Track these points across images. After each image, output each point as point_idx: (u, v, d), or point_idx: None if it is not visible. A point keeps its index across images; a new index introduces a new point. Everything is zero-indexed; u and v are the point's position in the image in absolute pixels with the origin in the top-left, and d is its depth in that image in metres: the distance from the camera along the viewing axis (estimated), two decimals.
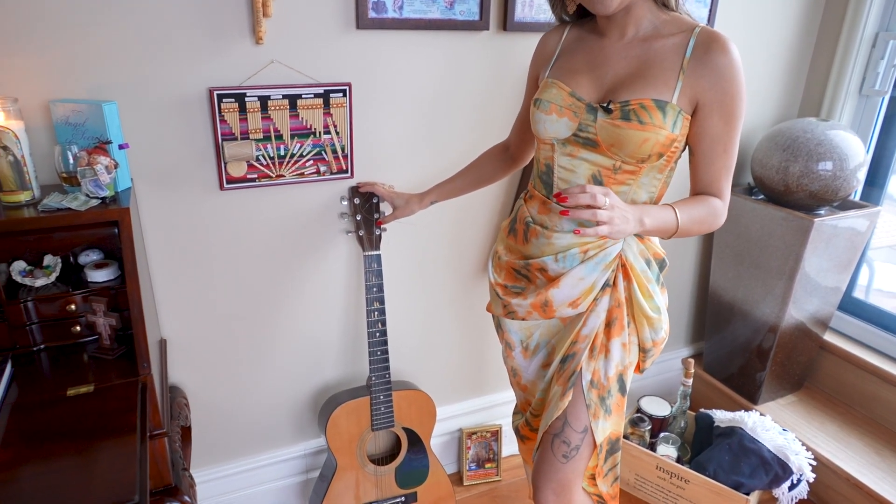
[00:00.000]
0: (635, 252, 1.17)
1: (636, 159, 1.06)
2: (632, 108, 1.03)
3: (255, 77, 1.38)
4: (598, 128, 1.07)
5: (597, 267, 1.15)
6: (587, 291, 1.17)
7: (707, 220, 1.10)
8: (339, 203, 1.56)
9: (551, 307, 1.20)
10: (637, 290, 1.16)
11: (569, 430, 1.20)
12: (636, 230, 1.01)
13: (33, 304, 1.18)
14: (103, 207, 1.12)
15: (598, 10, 1.04)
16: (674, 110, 1.04)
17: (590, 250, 1.15)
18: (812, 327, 2.06)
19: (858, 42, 1.94)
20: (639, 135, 1.03)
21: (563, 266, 1.17)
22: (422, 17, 1.48)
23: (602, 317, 1.18)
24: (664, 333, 1.22)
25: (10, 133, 1.10)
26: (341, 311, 1.69)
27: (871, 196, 2.12)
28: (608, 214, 0.93)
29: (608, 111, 1.05)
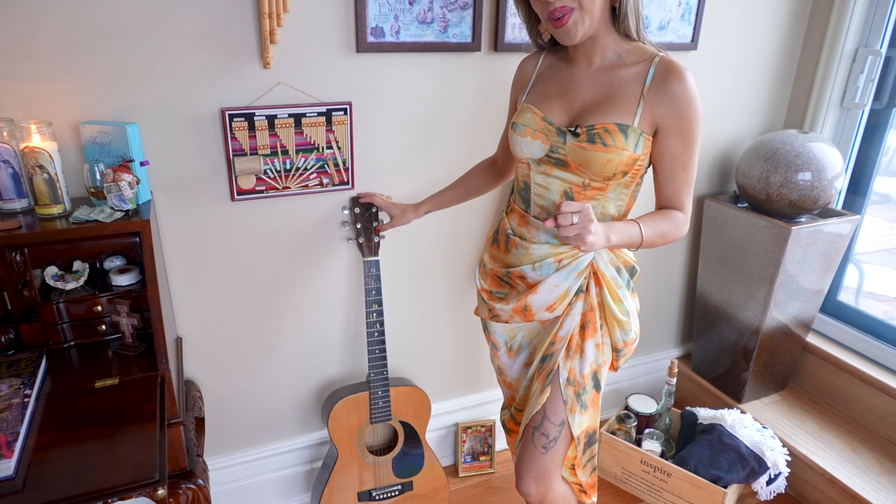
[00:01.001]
0: (605, 260, 1.28)
1: (602, 177, 1.18)
2: (596, 131, 1.14)
3: (264, 98, 1.50)
4: (568, 149, 1.18)
5: (570, 274, 1.27)
6: (562, 297, 1.28)
7: (670, 232, 1.21)
8: (341, 212, 1.69)
9: (530, 311, 1.32)
10: (608, 295, 1.28)
11: (547, 423, 1.31)
12: (604, 246, 1.13)
13: (64, 305, 1.31)
14: (126, 219, 1.25)
15: (564, 41, 1.15)
16: (635, 133, 1.14)
17: (563, 259, 1.27)
18: (795, 329, 2.16)
19: (839, 57, 2.03)
20: (603, 156, 1.14)
21: (540, 274, 1.28)
22: (417, 41, 1.59)
23: (577, 320, 1.30)
24: (634, 335, 1.33)
25: (46, 153, 1.23)
26: (343, 312, 1.81)
27: (853, 204, 2.20)
28: (575, 231, 1.06)
29: (576, 135, 1.16)
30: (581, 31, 1.13)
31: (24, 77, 1.29)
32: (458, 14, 1.61)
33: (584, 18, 1.11)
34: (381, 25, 1.54)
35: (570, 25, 1.11)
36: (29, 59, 1.28)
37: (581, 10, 1.10)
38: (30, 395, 1.14)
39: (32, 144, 1.23)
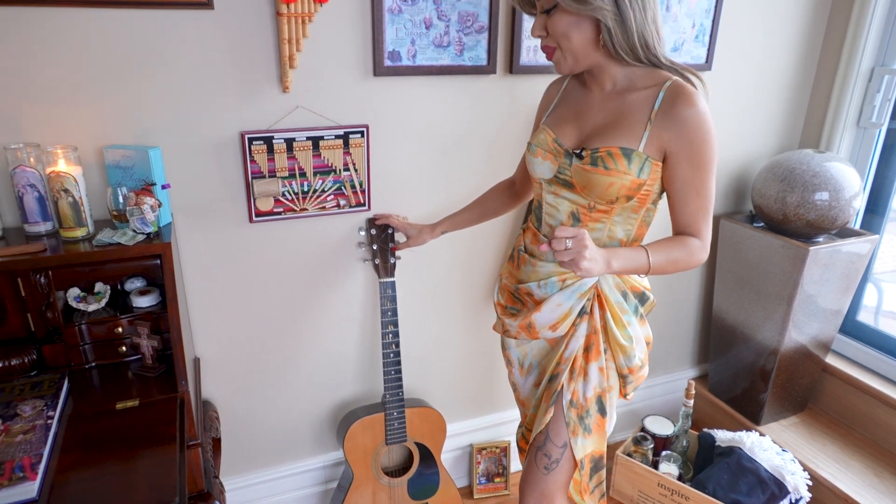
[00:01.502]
0: (611, 284, 1.28)
1: (606, 200, 1.18)
2: (599, 154, 1.15)
3: (282, 121, 1.52)
4: (573, 171, 1.19)
5: (573, 295, 1.27)
6: (564, 316, 1.28)
7: (684, 259, 1.19)
8: (357, 234, 1.70)
9: (534, 329, 1.32)
10: (611, 319, 1.27)
11: (550, 444, 1.31)
12: (605, 271, 1.12)
13: (86, 326, 1.33)
14: (148, 242, 1.27)
15: (558, 71, 1.21)
16: (640, 157, 1.14)
17: (567, 279, 1.27)
18: (813, 350, 2.13)
19: (855, 76, 2.03)
20: (604, 179, 1.14)
21: (544, 292, 1.29)
22: (433, 64, 1.61)
23: (581, 341, 1.30)
24: (639, 361, 1.31)
25: (71, 178, 1.26)
26: (358, 333, 1.82)
27: (872, 224, 2.18)
28: (569, 256, 1.06)
29: (580, 157, 1.17)
30: (567, 66, 1.18)
31: (50, 101, 1.32)
32: (473, 38, 1.63)
33: (564, 57, 1.17)
34: (398, 49, 1.56)
35: (554, 61, 1.19)
36: (56, 84, 1.31)
37: (561, 50, 1.16)
38: (53, 417, 1.15)
39: (58, 169, 1.26)
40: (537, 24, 1.18)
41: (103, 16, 1.30)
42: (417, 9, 1.54)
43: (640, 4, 1.09)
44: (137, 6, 1.31)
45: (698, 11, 1.87)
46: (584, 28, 1.12)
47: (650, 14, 1.11)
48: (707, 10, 1.87)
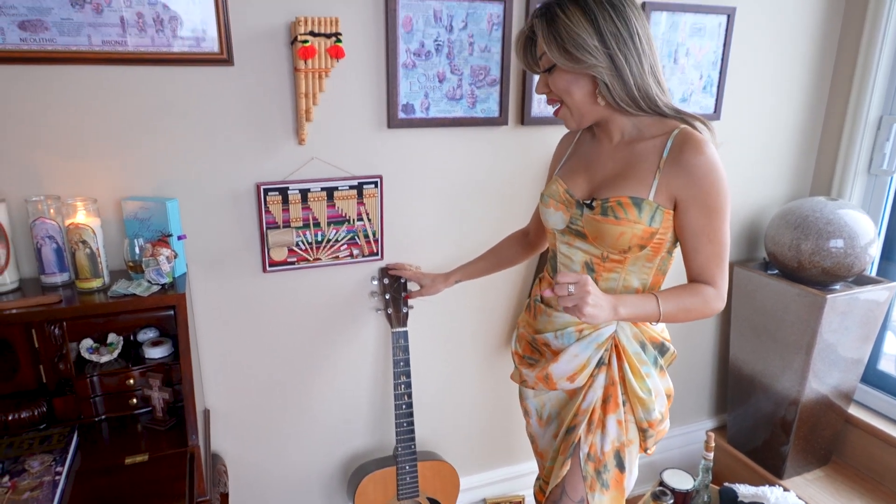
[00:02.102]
0: (628, 335, 1.25)
1: (618, 250, 1.17)
2: (610, 204, 1.15)
3: (297, 172, 1.55)
4: (584, 221, 1.19)
5: (590, 345, 1.25)
6: (582, 367, 1.26)
7: (697, 307, 1.16)
8: (370, 283, 1.70)
9: (551, 380, 1.30)
10: (629, 370, 1.24)
11: (566, 499, 1.27)
12: (611, 318, 1.10)
13: (98, 378, 1.32)
14: (163, 293, 1.27)
15: (566, 126, 1.24)
16: (650, 206, 1.13)
17: (584, 330, 1.25)
18: (835, 400, 2.08)
19: (864, 125, 2.04)
20: (615, 228, 1.14)
21: (561, 342, 1.27)
22: (446, 116, 1.64)
23: (599, 393, 1.27)
24: (659, 415, 1.27)
25: (90, 229, 1.27)
26: (370, 383, 1.79)
27: (889, 271, 2.16)
28: (572, 302, 1.05)
29: (591, 207, 1.17)
30: (573, 121, 1.21)
31: (72, 155, 1.35)
32: (486, 90, 1.66)
33: (570, 112, 1.20)
34: (411, 102, 1.60)
35: (561, 116, 1.23)
36: (77, 138, 1.34)
37: (566, 106, 1.20)
38: (61, 473, 1.13)
39: (77, 221, 1.28)
40: (540, 82, 1.21)
41: (126, 72, 1.34)
42: (431, 63, 1.58)
43: (635, 57, 1.11)
44: (159, 63, 1.35)
45: (705, 63, 1.90)
46: (583, 84, 1.14)
47: (647, 65, 1.12)
48: (714, 63, 1.91)
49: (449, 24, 1.57)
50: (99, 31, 1.29)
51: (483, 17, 1.60)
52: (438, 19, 1.56)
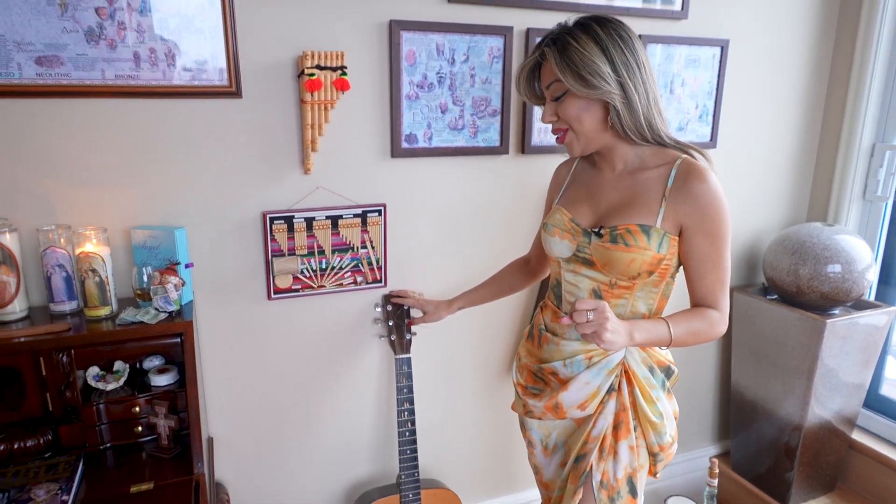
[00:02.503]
0: (637, 360, 1.27)
1: (627, 276, 1.19)
2: (619, 232, 1.17)
3: (303, 201, 1.57)
4: (593, 249, 1.21)
5: (600, 372, 1.26)
6: (593, 395, 1.27)
7: (704, 330, 1.19)
8: (374, 310, 1.71)
9: (562, 409, 1.30)
10: (640, 395, 1.25)
11: None
12: (627, 343, 1.12)
13: (104, 406, 1.33)
14: (170, 321, 1.29)
15: (569, 153, 1.26)
16: (658, 233, 1.17)
17: (594, 357, 1.26)
18: (838, 425, 2.07)
19: (857, 152, 2.08)
20: (626, 256, 1.16)
21: (571, 371, 1.28)
22: (449, 146, 1.68)
23: (609, 419, 1.27)
24: (670, 438, 1.28)
25: (99, 258, 1.29)
26: (373, 410, 1.80)
27: (887, 295, 2.18)
28: (591, 328, 1.07)
29: (600, 235, 1.20)
30: (578, 147, 1.23)
31: (83, 185, 1.37)
32: (487, 120, 1.70)
33: (577, 139, 1.22)
34: (414, 133, 1.63)
35: (567, 143, 1.24)
36: (89, 168, 1.37)
37: (574, 132, 1.22)
38: (67, 501, 1.13)
39: (87, 250, 1.30)
40: (548, 111, 1.24)
41: (137, 105, 1.38)
42: (433, 95, 1.62)
43: (643, 87, 1.16)
44: (170, 96, 1.39)
45: (700, 93, 1.95)
46: (593, 111, 1.18)
47: (651, 96, 1.18)
48: (709, 93, 1.96)
49: (451, 56, 1.62)
50: (112, 65, 1.33)
51: (484, 50, 1.64)
52: (441, 52, 1.60)
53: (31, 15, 1.25)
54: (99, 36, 1.31)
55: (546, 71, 1.21)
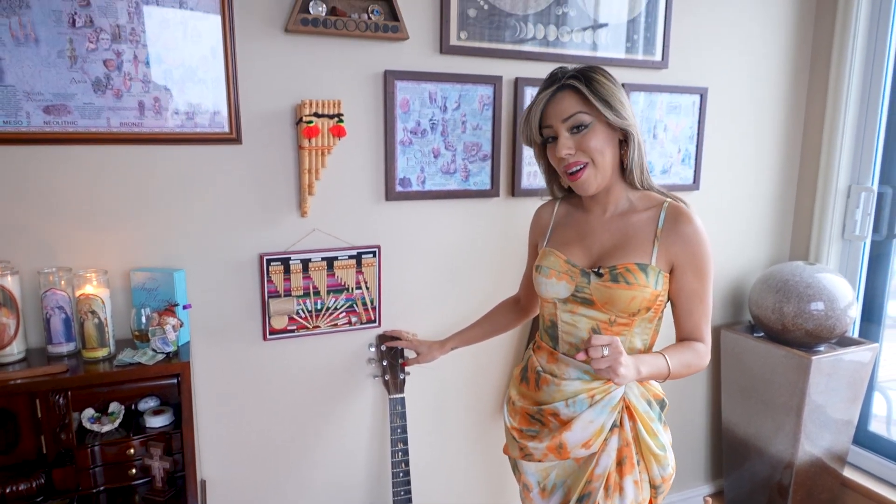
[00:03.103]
0: (636, 394, 1.30)
1: (627, 313, 1.23)
2: (619, 271, 1.22)
3: (299, 243, 1.61)
4: (593, 289, 1.25)
5: (604, 409, 1.28)
6: (597, 432, 1.28)
7: (694, 362, 1.26)
8: (368, 350, 1.73)
9: (566, 449, 1.31)
10: (642, 429, 1.28)
11: None
12: (635, 378, 1.17)
13: (99, 448, 1.33)
14: (167, 362, 1.31)
15: (580, 192, 1.27)
16: (654, 271, 1.22)
17: (596, 395, 1.28)
18: (829, 463, 2.09)
19: (834, 193, 2.16)
20: (627, 293, 1.21)
21: (573, 410, 1.29)
22: (441, 189, 1.73)
23: (613, 456, 1.28)
24: (671, 469, 1.31)
25: (99, 300, 1.32)
26: (367, 451, 1.80)
27: (870, 332, 2.23)
28: (607, 363, 1.10)
29: (599, 275, 1.24)
30: (595, 184, 1.25)
31: (85, 228, 1.41)
32: (478, 165, 1.76)
33: (596, 173, 1.25)
34: (408, 176, 1.69)
35: (584, 179, 1.24)
36: (92, 212, 1.41)
37: (594, 167, 1.24)
38: None
39: (87, 291, 1.32)
40: (566, 144, 1.22)
41: (140, 151, 1.42)
42: (426, 141, 1.69)
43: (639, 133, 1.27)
44: (173, 143, 1.44)
45: (682, 138, 2.03)
46: (613, 145, 1.25)
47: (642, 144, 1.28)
48: (690, 137, 2.04)
49: (443, 104, 1.69)
50: (118, 113, 1.38)
51: (475, 98, 1.72)
52: (433, 100, 1.68)
53: (41, 67, 1.31)
54: (106, 86, 1.36)
55: (564, 105, 1.22)
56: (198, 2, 1.41)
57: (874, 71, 2.10)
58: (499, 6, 1.70)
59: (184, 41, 1.42)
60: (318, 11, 1.51)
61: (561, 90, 1.24)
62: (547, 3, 1.76)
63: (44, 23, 1.30)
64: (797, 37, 2.18)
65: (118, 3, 1.35)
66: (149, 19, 1.37)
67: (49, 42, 1.31)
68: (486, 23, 1.70)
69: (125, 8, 1.35)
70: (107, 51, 1.35)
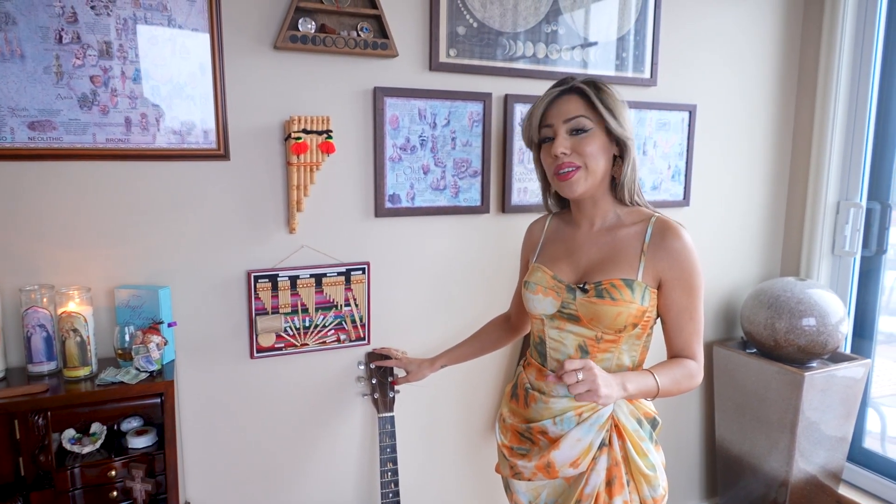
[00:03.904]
0: (626, 412, 1.27)
1: (614, 330, 1.22)
2: (604, 287, 1.21)
3: (287, 260, 1.60)
4: (578, 305, 1.24)
5: (592, 428, 1.26)
6: (586, 451, 1.26)
7: (685, 380, 1.23)
8: (357, 368, 1.71)
9: (554, 468, 1.28)
10: (631, 448, 1.25)
11: None
12: (621, 395, 1.14)
13: (79, 470, 1.29)
14: (151, 380, 1.28)
15: (566, 194, 1.26)
16: (640, 286, 1.21)
17: (584, 412, 1.26)
18: (824, 480, 2.07)
19: (823, 209, 2.16)
20: (613, 309, 1.20)
21: (561, 428, 1.27)
22: (431, 205, 1.73)
23: (602, 476, 1.26)
24: (662, 490, 1.28)
25: (81, 318, 1.29)
26: (356, 471, 1.76)
27: (862, 347, 2.22)
28: (585, 387, 1.08)
29: (585, 291, 1.23)
30: (582, 187, 1.24)
31: (68, 245, 1.39)
32: (468, 181, 1.76)
33: (586, 177, 1.24)
34: (397, 193, 1.68)
35: (573, 180, 1.23)
36: (76, 229, 1.39)
37: (586, 170, 1.23)
38: None
39: (70, 309, 1.30)
40: (563, 143, 1.22)
41: (126, 167, 1.41)
42: (416, 157, 1.68)
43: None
44: (159, 159, 1.43)
45: (672, 154, 2.04)
46: (608, 156, 1.25)
47: None
48: (680, 154, 2.05)
49: (433, 121, 1.69)
50: (104, 129, 1.37)
51: (464, 114, 1.72)
52: (423, 117, 1.68)
53: (27, 83, 1.30)
54: (92, 102, 1.36)
55: (568, 106, 1.23)
56: (186, 18, 1.41)
57: (860, 87, 2.12)
58: (488, 24, 1.71)
59: (172, 57, 1.41)
60: (308, 28, 1.51)
61: (568, 93, 1.25)
62: (536, 21, 1.77)
63: (30, 39, 1.29)
64: (784, 54, 2.21)
65: (106, 20, 1.34)
66: (137, 36, 1.37)
67: (35, 58, 1.30)
68: (476, 40, 1.71)
69: (113, 25, 1.35)
70: (94, 67, 1.35)
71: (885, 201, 2.14)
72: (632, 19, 1.89)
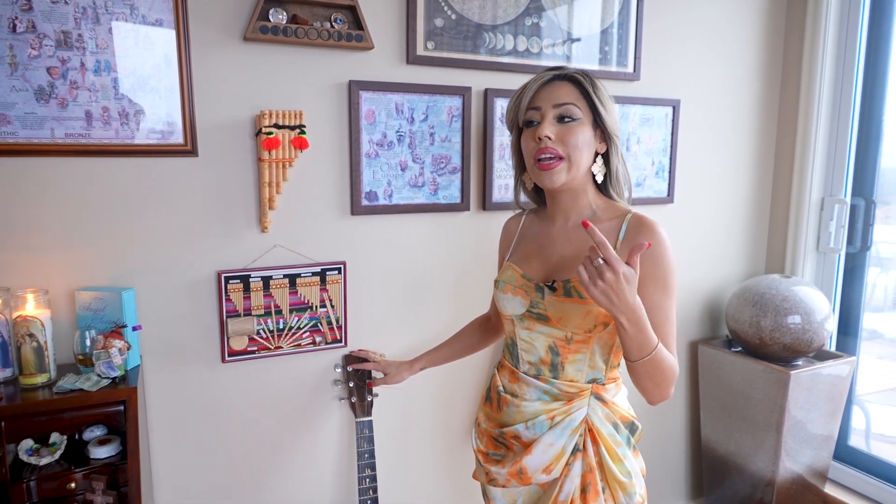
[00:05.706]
0: (601, 416, 1.22)
1: (583, 330, 1.17)
2: (573, 285, 1.16)
3: (260, 260, 1.54)
4: (547, 304, 1.19)
5: (564, 432, 1.21)
6: (558, 456, 1.21)
7: (668, 371, 1.13)
8: (333, 371, 1.65)
9: (526, 474, 1.24)
10: (606, 454, 1.20)
11: None
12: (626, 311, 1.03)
13: (35, 483, 1.23)
14: (113, 387, 1.22)
15: (545, 184, 1.20)
16: None
17: (556, 416, 1.21)
18: (811, 479, 2.05)
19: (807, 206, 2.14)
20: (581, 308, 1.15)
21: (533, 433, 1.22)
22: (409, 203, 1.68)
23: (576, 482, 1.21)
24: (639, 497, 1.23)
25: (38, 322, 1.23)
26: (333, 477, 1.71)
27: (847, 345, 2.20)
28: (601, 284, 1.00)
29: (553, 289, 1.18)
30: (563, 179, 1.18)
31: (26, 245, 1.32)
32: (447, 178, 1.71)
33: (569, 170, 1.18)
34: (374, 190, 1.63)
35: (554, 171, 1.17)
36: (34, 228, 1.32)
37: (568, 163, 1.17)
38: None
39: (25, 313, 1.23)
40: (549, 128, 1.17)
41: (88, 164, 1.35)
42: (393, 153, 1.63)
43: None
44: (123, 155, 1.37)
45: (655, 150, 2.00)
46: (591, 150, 1.20)
47: None
48: (664, 150, 2.02)
49: (410, 116, 1.64)
50: (63, 124, 1.30)
51: (443, 109, 1.67)
52: (400, 112, 1.62)
53: None
54: (50, 94, 1.29)
55: (560, 91, 1.19)
56: (150, 7, 1.35)
57: (844, 83, 2.10)
58: (467, 16, 1.66)
59: (135, 48, 1.35)
60: (279, 19, 1.45)
61: (561, 79, 1.21)
62: (517, 14, 1.72)
63: None
64: (768, 48, 2.18)
65: (64, 8, 1.28)
66: (97, 25, 1.31)
67: None
68: (454, 32, 1.66)
69: (71, 13, 1.28)
70: (51, 58, 1.28)
71: (869, 197, 2.13)
72: (615, 10, 1.85)
